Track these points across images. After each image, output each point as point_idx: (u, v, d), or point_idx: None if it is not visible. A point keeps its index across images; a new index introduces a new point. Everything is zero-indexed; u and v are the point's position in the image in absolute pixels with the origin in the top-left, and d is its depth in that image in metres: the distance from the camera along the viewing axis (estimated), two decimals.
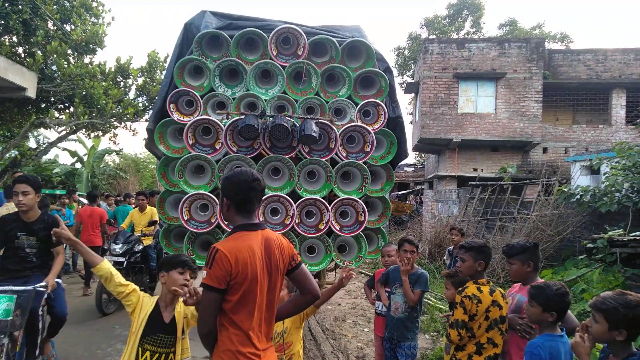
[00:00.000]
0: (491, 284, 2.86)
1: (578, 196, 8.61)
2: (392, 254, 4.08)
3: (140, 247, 7.09)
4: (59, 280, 4.06)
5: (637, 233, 6.84)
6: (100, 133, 14.01)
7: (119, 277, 2.57)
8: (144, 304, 2.57)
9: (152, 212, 7.60)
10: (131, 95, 12.80)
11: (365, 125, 5.00)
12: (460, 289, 2.88)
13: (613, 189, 7.96)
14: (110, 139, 14.28)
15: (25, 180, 3.87)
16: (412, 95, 19.58)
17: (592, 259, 7.35)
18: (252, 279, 2.02)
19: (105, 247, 7.78)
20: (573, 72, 15.07)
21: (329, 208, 4.85)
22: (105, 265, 2.55)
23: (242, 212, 2.13)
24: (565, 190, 8.97)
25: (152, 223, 7.29)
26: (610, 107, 14.87)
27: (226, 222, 2.24)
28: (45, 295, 3.78)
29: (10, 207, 6.46)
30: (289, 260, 2.22)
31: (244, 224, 2.12)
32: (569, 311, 2.56)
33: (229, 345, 2.00)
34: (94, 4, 11.82)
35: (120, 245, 6.79)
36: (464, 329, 2.73)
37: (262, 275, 2.06)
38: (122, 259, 6.55)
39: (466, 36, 25.91)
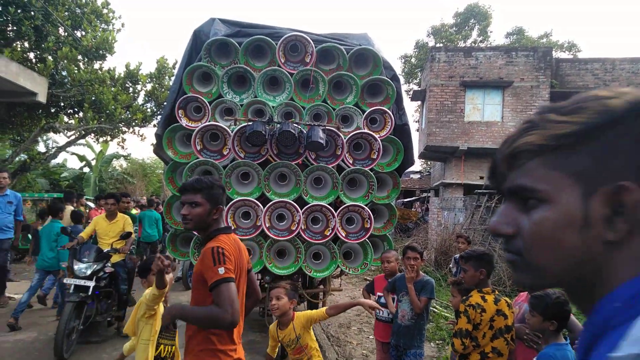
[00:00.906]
0: (496, 292, 2.85)
1: None
2: (391, 260, 4.09)
3: (109, 265, 5.60)
4: None
5: None
6: (109, 138, 14.16)
7: None
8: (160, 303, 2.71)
9: (124, 220, 5.89)
10: (140, 100, 12.94)
11: (372, 133, 5.02)
12: (464, 297, 2.87)
13: None
14: (118, 144, 14.42)
15: None
16: (419, 102, 19.60)
17: None
18: (238, 277, 2.17)
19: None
20: (581, 81, 15.03)
21: (335, 214, 4.86)
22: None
23: (222, 217, 2.36)
24: None
25: (126, 236, 5.60)
26: None
27: (198, 228, 2.27)
28: None
29: (67, 210, 6.99)
30: (248, 262, 2.38)
31: (224, 227, 2.27)
32: (574, 318, 2.55)
33: (207, 345, 2.09)
34: (105, 11, 11.99)
35: (87, 265, 5.15)
36: (467, 338, 2.72)
37: (240, 274, 2.23)
38: (89, 284, 5.01)
39: (473, 45, 25.93)
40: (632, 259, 0.56)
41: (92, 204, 12.34)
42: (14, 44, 10.16)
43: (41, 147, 18.83)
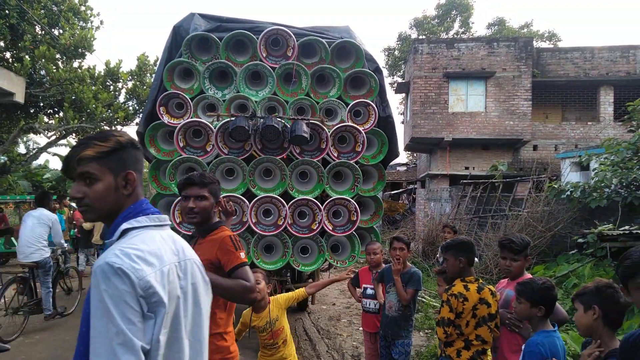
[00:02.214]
0: (480, 281, 2.86)
1: (568, 192, 8.68)
2: (377, 252, 4.10)
3: None
4: None
5: (627, 227, 6.92)
6: None
7: None
8: None
9: None
10: (121, 99, 12.75)
11: (356, 125, 5.02)
12: (447, 287, 2.89)
13: (602, 184, 8.04)
14: None
15: None
16: (403, 95, 19.66)
17: (582, 254, 7.42)
18: None
19: None
20: (561, 70, 15.22)
21: (322, 208, 4.87)
22: None
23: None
24: (556, 186, 9.04)
25: None
26: (599, 104, 15.03)
27: (202, 221, 2.34)
28: None
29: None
30: None
31: (221, 220, 2.45)
32: (557, 304, 2.58)
33: (216, 329, 2.22)
34: (82, 8, 11.75)
35: None
36: (449, 327, 2.74)
37: None
38: None
39: (455, 36, 26.06)
40: (130, 201, 1.32)
41: (75, 204, 12.17)
42: None
43: (21, 149, 18.48)
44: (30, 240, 5.71)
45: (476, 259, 3.81)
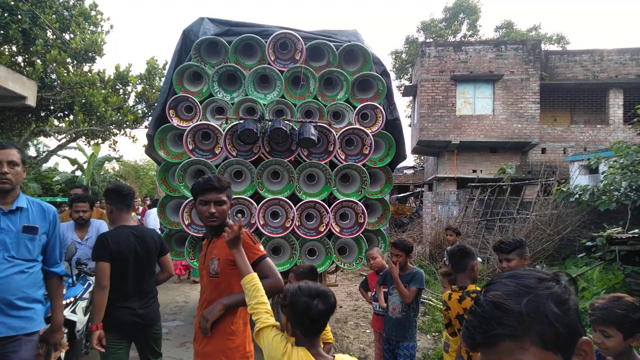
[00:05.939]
0: (470, 288, 2.72)
1: (577, 195, 8.63)
2: (375, 256, 4.18)
3: None
4: None
5: (636, 231, 6.86)
6: (100, 140, 14.06)
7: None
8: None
9: None
10: (130, 102, 12.87)
11: (363, 128, 5.05)
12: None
13: (611, 187, 7.99)
14: (110, 146, 14.33)
15: None
16: (410, 98, 19.66)
17: (591, 258, 7.37)
18: None
19: None
20: (570, 73, 15.14)
21: (329, 210, 4.89)
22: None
23: None
24: (564, 189, 8.99)
25: None
26: (608, 107, 14.93)
27: (221, 225, 2.46)
28: None
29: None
30: None
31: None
32: None
33: (229, 326, 2.28)
34: (93, 13, 11.90)
35: None
36: (446, 329, 2.81)
37: None
38: None
39: (463, 39, 26.00)
40: None
41: None
42: (2, 48, 10.07)
43: (32, 152, 18.69)
44: (156, 228, 7.48)
45: (479, 259, 3.82)
